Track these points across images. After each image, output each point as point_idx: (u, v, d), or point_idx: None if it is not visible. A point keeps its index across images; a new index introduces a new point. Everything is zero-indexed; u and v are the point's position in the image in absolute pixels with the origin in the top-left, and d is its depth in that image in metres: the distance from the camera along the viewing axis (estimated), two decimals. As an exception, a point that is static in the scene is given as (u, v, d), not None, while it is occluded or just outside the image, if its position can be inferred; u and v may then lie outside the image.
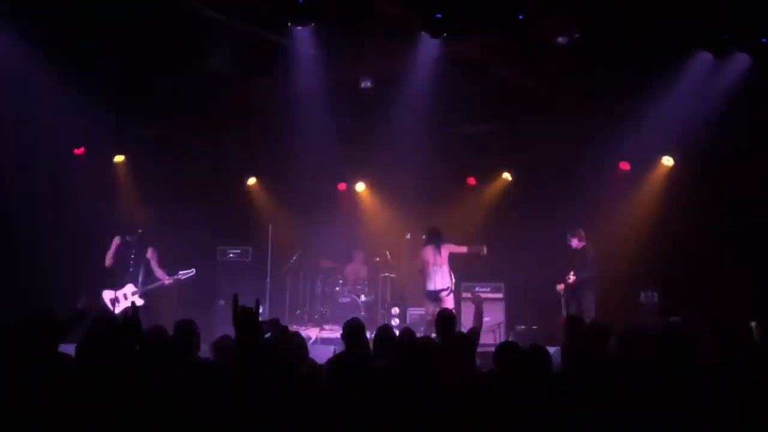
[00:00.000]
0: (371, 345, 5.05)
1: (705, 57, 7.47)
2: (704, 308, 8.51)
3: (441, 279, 8.88)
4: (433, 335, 5.66)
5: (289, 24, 6.63)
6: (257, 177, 11.72)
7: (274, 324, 5.26)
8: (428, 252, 9.01)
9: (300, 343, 5.01)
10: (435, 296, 8.88)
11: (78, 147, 10.01)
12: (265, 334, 4.78)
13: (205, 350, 4.95)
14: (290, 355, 4.68)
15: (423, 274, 9.01)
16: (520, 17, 6.21)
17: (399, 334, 5.31)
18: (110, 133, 9.67)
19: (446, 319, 5.23)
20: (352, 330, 4.97)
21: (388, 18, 6.57)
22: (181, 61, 7.93)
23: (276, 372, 4.01)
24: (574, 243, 9.24)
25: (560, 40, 7.34)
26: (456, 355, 4.63)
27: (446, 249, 9.03)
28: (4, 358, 3.75)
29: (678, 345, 4.56)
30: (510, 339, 9.29)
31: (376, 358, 4.71)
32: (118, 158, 10.52)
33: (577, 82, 8.33)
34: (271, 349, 4.39)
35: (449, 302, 8.82)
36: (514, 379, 4.24)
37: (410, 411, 3.54)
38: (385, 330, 4.97)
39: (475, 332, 5.41)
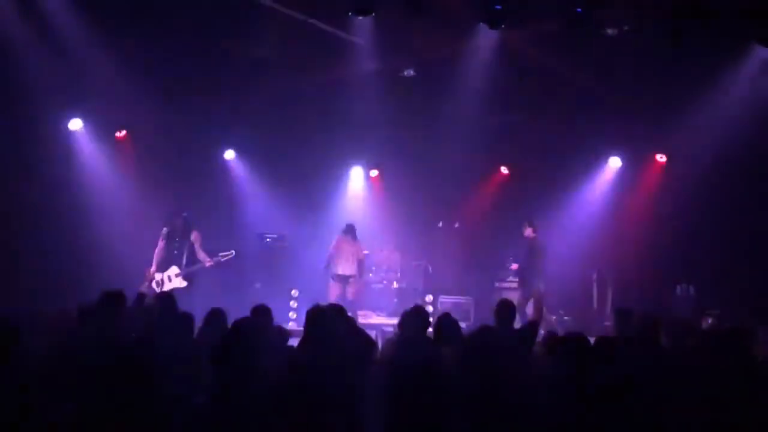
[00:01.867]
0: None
1: (760, 53, 7.42)
2: (741, 302, 8.55)
3: (350, 266, 9.71)
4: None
5: (350, 14, 6.66)
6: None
7: (340, 313, 5.34)
8: (341, 241, 9.84)
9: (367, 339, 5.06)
10: (344, 280, 9.73)
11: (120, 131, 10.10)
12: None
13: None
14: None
15: (333, 258, 9.77)
16: (579, 10, 6.21)
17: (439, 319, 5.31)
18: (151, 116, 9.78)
19: (508, 308, 5.30)
20: (415, 317, 5.00)
21: (446, 8, 6.58)
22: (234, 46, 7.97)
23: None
24: (527, 233, 9.47)
25: (609, 31, 7.30)
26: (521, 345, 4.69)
27: (358, 245, 9.94)
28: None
29: (742, 341, 4.64)
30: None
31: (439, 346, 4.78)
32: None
33: (622, 75, 8.30)
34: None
35: (354, 287, 9.85)
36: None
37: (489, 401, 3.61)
38: (447, 318, 5.01)
39: (535, 324, 5.46)
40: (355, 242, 9.96)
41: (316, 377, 3.70)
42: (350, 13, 6.47)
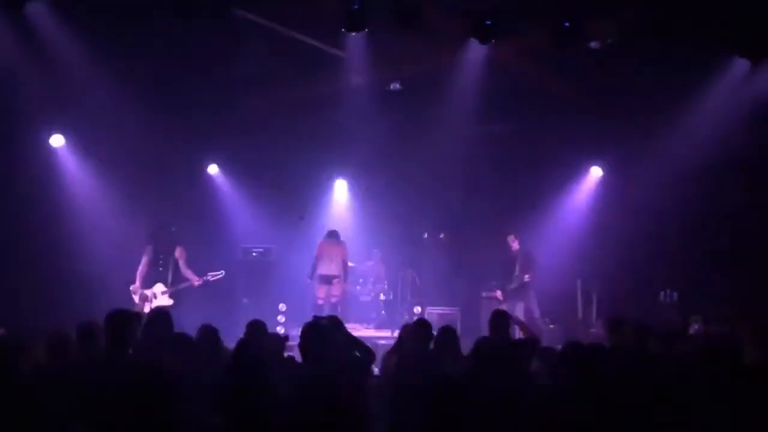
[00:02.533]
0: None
1: (741, 64, 7.62)
2: (724, 307, 8.71)
3: (333, 266, 10.04)
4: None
5: (343, 30, 6.70)
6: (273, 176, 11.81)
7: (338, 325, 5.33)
8: (324, 243, 10.21)
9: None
10: (327, 280, 9.99)
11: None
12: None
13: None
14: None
15: (317, 261, 10.05)
16: (566, 24, 6.33)
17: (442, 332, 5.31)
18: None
19: (504, 318, 5.35)
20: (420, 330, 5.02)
21: (437, 24, 6.65)
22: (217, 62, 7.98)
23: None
24: (515, 245, 9.82)
25: (593, 44, 7.44)
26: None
27: (343, 247, 10.30)
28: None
29: (733, 349, 4.74)
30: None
31: (440, 359, 4.80)
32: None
33: (605, 86, 8.46)
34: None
35: (337, 288, 10.13)
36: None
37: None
38: (450, 331, 5.03)
39: (536, 339, 5.50)
40: (339, 243, 10.15)
41: (326, 391, 3.70)
42: (342, 30, 6.49)
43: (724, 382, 4.49)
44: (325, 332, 4.60)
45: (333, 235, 10.25)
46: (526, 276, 9.62)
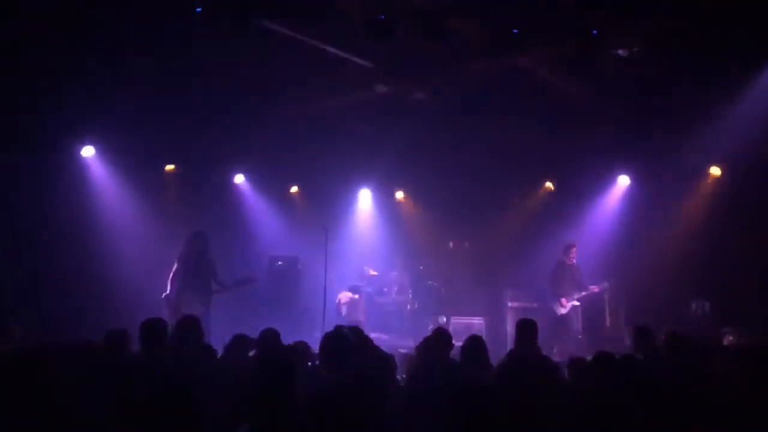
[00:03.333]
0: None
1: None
2: (756, 319, 8.52)
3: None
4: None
5: (367, 38, 6.70)
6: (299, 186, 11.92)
7: (359, 333, 5.34)
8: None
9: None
10: None
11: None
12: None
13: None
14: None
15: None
16: (594, 32, 6.27)
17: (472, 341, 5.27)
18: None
19: (531, 327, 5.31)
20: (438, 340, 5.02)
21: (463, 34, 6.64)
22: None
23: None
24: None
25: (620, 52, 7.36)
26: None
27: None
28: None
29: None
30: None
31: (467, 368, 4.77)
32: (169, 167, 10.64)
33: (632, 94, 8.37)
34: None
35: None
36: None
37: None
38: (477, 341, 4.99)
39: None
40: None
41: (349, 400, 3.69)
42: (368, 38, 6.50)
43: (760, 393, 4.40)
44: (345, 342, 4.63)
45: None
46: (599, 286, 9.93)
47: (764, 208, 9.25)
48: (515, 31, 6.31)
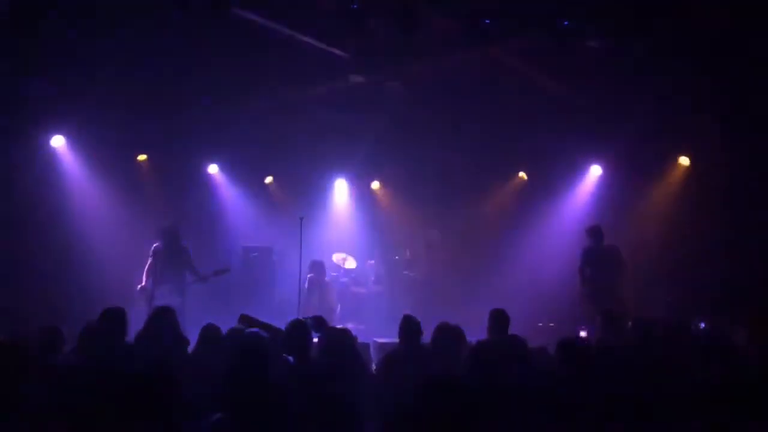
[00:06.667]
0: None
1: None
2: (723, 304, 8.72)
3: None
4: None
5: (343, 31, 6.71)
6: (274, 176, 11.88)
7: (321, 323, 5.41)
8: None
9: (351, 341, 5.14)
10: None
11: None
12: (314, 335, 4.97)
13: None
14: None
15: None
16: (566, 23, 6.35)
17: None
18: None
19: (503, 316, 5.39)
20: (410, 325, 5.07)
21: (435, 24, 6.68)
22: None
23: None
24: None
25: (592, 43, 7.45)
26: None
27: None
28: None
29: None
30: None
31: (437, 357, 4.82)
32: (141, 157, 10.53)
33: (599, 84, 8.48)
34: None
35: None
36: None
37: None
38: (448, 329, 5.03)
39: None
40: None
41: (325, 387, 3.76)
42: (344, 31, 6.52)
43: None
44: (305, 330, 4.75)
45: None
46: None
47: (733, 197, 9.46)
48: (486, 21, 6.37)
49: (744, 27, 6.67)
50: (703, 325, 8.06)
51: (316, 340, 5.04)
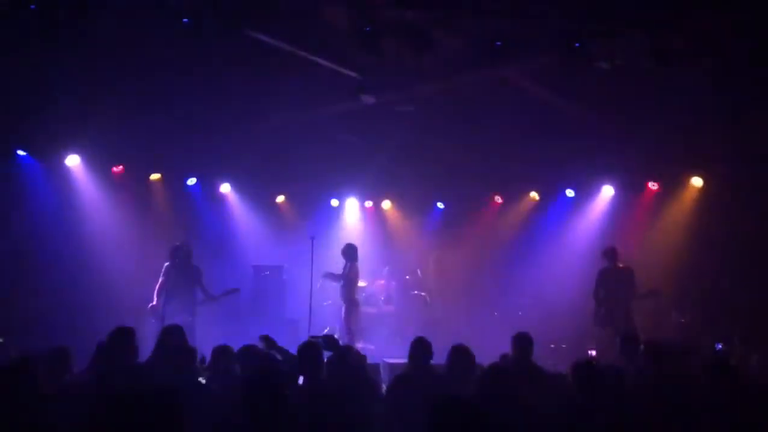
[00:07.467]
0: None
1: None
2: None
3: None
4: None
5: (356, 53, 6.75)
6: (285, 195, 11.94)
7: (332, 343, 5.39)
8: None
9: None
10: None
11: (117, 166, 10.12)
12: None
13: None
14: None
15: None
16: (577, 45, 6.36)
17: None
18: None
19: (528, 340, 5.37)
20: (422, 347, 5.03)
21: (447, 46, 6.71)
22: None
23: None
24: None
25: (602, 64, 7.44)
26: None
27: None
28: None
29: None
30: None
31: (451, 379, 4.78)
32: (154, 176, 10.62)
33: (609, 104, 8.48)
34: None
35: None
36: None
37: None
38: (462, 352, 4.98)
39: None
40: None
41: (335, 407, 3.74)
42: (357, 52, 6.56)
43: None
44: (320, 350, 4.74)
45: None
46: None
47: (746, 217, 9.38)
48: (498, 43, 6.40)
49: (757, 45, 6.66)
50: (719, 346, 7.97)
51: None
